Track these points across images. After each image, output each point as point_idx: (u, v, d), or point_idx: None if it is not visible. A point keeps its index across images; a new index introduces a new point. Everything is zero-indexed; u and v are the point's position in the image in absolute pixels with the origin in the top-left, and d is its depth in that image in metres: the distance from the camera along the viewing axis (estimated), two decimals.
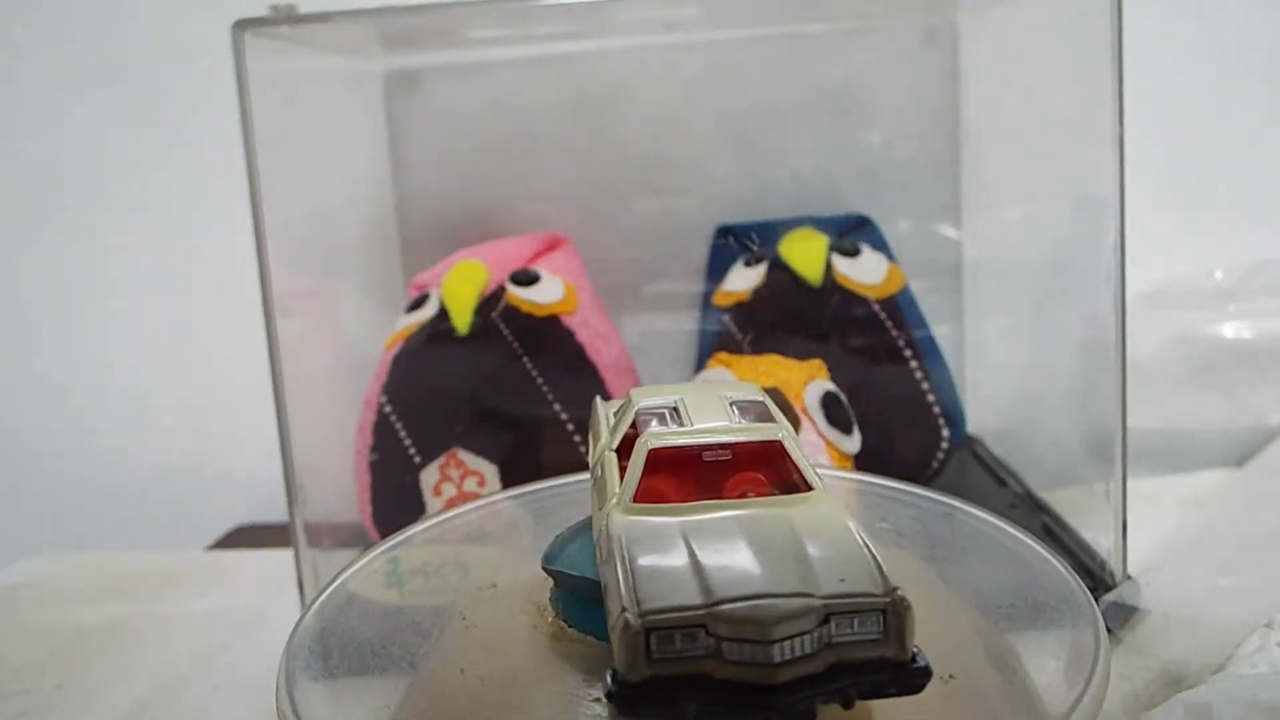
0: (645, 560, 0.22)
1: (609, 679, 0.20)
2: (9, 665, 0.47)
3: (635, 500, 0.24)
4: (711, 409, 0.27)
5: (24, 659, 0.48)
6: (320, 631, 0.28)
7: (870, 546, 0.22)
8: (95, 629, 0.50)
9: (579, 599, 0.27)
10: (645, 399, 0.28)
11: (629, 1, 0.52)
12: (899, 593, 0.20)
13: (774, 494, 0.25)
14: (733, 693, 0.20)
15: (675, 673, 0.20)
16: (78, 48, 0.68)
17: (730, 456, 0.26)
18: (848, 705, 0.20)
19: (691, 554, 0.22)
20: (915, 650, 0.21)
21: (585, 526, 0.29)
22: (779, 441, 0.26)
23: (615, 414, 0.30)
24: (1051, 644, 0.26)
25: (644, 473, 0.25)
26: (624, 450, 0.27)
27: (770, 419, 0.27)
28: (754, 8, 0.57)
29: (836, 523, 0.23)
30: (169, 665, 0.46)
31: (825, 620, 0.20)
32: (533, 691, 0.25)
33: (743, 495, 0.25)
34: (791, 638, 0.19)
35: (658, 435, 0.26)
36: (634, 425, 0.28)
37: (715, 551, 0.22)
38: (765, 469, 0.26)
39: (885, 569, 0.21)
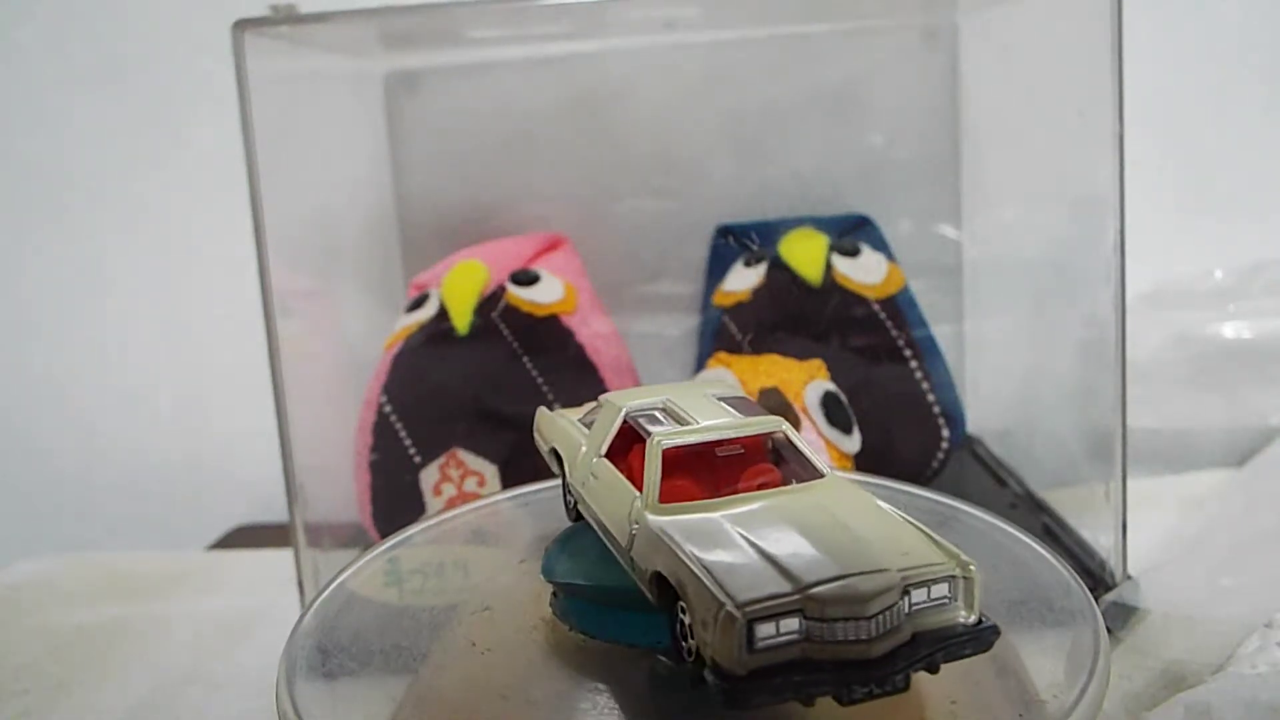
0: (711, 556, 0.21)
1: (709, 676, 0.20)
2: (9, 665, 0.47)
3: (660, 501, 0.24)
4: (708, 407, 0.27)
5: (24, 659, 0.48)
6: (320, 631, 0.28)
7: (914, 521, 0.23)
8: (95, 629, 0.50)
9: (596, 607, 0.26)
10: (629, 402, 0.28)
11: (629, 1, 0.52)
12: (964, 558, 0.21)
13: (790, 484, 0.25)
14: (829, 671, 0.20)
15: (776, 660, 0.20)
16: (78, 48, 0.68)
17: (743, 451, 0.26)
18: (933, 670, 0.21)
19: (753, 545, 0.22)
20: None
21: (573, 534, 0.29)
22: (782, 433, 0.26)
23: (583, 420, 0.30)
24: (1051, 644, 0.26)
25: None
26: (610, 455, 0.27)
27: (762, 413, 0.27)
28: (754, 8, 0.57)
29: (866, 503, 0.24)
30: (169, 665, 0.46)
31: (904, 592, 0.21)
32: (534, 693, 0.25)
33: (760, 487, 0.25)
34: (884, 612, 0.20)
35: (668, 435, 0.26)
36: (624, 429, 0.27)
37: (774, 541, 0.22)
38: (767, 461, 0.26)
39: (938, 538, 0.22)
